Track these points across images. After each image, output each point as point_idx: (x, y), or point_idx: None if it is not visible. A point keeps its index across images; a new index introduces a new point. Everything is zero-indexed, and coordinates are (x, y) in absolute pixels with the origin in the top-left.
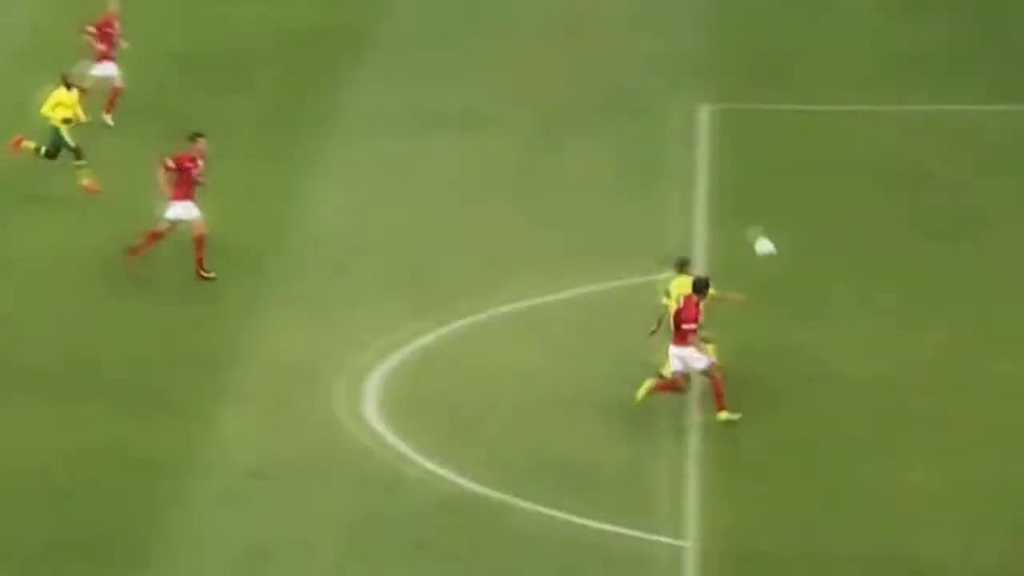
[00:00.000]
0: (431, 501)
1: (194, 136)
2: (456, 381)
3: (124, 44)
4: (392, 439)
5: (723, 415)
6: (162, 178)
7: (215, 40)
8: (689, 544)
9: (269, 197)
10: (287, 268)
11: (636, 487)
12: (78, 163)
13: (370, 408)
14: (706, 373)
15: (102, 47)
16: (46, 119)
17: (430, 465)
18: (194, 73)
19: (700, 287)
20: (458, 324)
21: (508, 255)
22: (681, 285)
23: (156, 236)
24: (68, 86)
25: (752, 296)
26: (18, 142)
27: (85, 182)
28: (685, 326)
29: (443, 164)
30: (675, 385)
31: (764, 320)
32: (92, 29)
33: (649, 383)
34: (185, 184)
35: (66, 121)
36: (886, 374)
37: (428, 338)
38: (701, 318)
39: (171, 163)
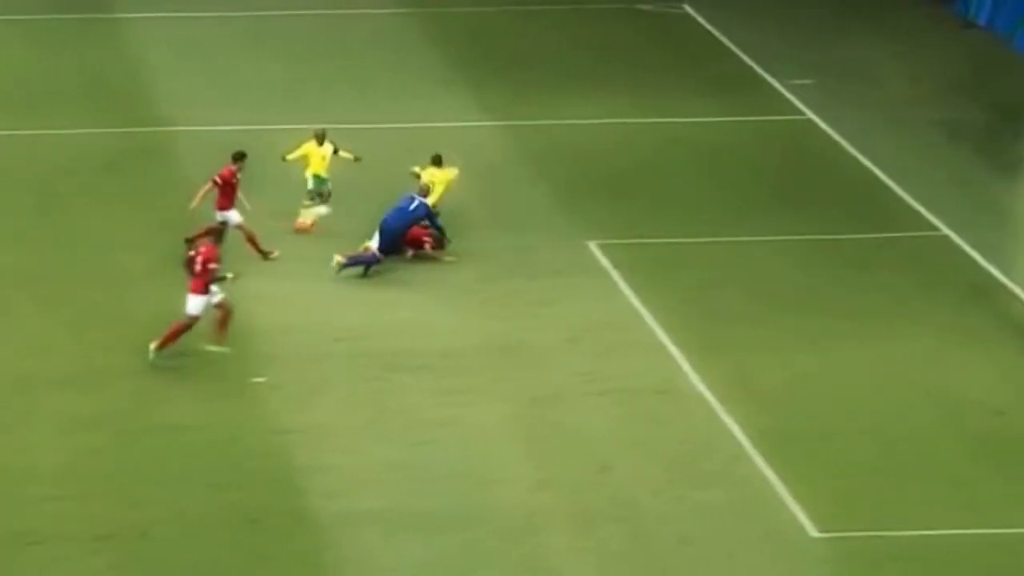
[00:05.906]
0: None
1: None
2: None
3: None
4: None
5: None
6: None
7: None
8: None
9: None
10: None
11: None
12: (308, 203)
13: None
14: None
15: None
16: (290, 163)
17: None
18: None
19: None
20: None
21: None
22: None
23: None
24: (320, 141)
25: None
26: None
27: (299, 219)
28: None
29: None
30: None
31: None
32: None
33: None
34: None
35: (315, 175)
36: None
37: None
38: None
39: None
